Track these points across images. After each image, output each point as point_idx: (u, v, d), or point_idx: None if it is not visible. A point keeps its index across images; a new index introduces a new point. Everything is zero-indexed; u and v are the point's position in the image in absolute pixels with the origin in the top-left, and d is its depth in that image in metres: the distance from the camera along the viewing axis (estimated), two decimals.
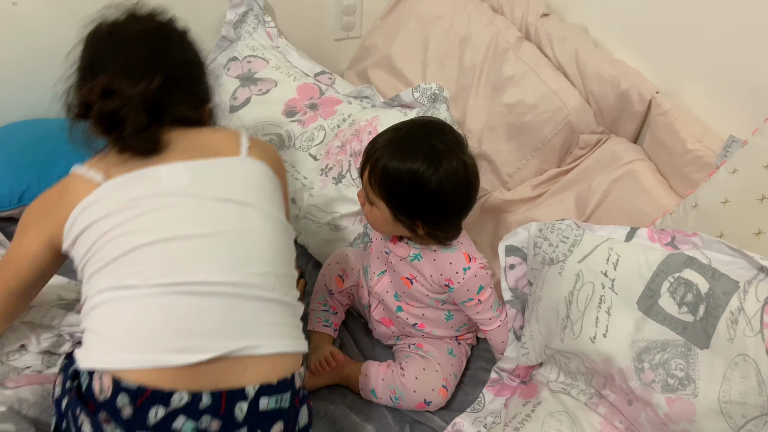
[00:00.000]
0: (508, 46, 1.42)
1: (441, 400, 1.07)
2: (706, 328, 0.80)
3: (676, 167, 1.16)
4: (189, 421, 0.69)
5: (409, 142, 0.96)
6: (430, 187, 0.95)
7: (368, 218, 1.04)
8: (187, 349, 0.71)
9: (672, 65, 1.23)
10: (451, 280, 1.04)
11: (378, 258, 1.13)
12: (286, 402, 0.74)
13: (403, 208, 0.98)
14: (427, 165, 0.94)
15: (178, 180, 0.80)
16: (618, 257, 0.90)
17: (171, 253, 0.76)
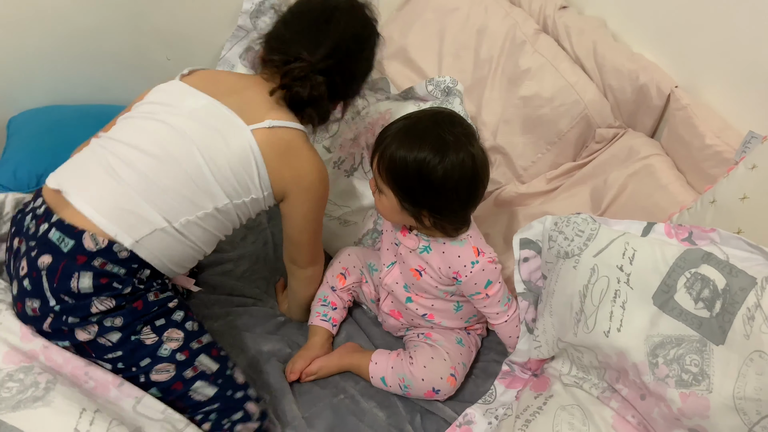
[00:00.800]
0: (525, 38, 1.42)
1: (449, 389, 1.08)
2: (722, 324, 0.80)
3: (694, 162, 1.15)
4: (32, 219, 0.94)
5: (418, 131, 0.97)
6: (435, 177, 0.95)
7: (377, 206, 1.05)
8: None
9: (691, 60, 1.22)
10: (459, 273, 1.04)
11: (388, 249, 1.14)
12: (67, 245, 0.88)
13: (408, 197, 0.98)
14: (433, 155, 0.94)
15: (193, 106, 0.97)
16: (634, 252, 0.89)
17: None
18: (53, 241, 0.88)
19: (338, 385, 1.11)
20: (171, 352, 0.91)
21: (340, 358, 1.13)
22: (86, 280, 0.86)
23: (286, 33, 1.04)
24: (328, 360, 1.12)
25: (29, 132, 1.40)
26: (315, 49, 1.00)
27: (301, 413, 1.05)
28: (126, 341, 0.89)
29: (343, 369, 1.13)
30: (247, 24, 1.55)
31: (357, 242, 1.31)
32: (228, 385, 0.94)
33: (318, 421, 1.04)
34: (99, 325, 0.87)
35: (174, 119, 0.96)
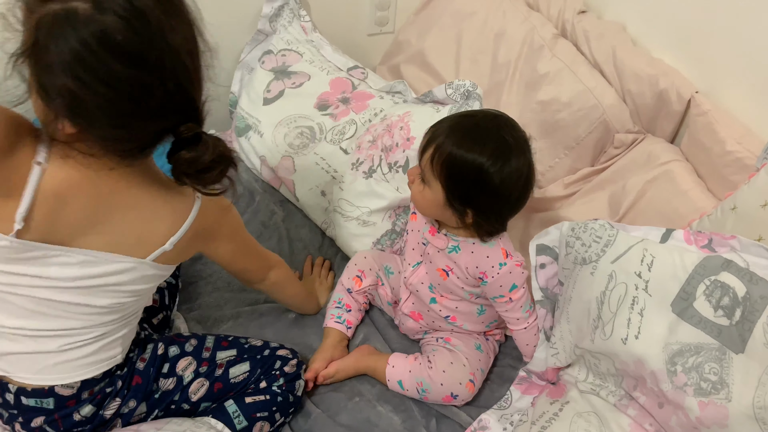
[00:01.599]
0: (543, 42, 1.42)
1: (468, 395, 1.08)
2: (742, 332, 0.79)
3: (715, 169, 1.14)
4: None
5: (480, 131, 0.97)
6: (492, 182, 0.95)
7: (416, 197, 1.04)
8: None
9: (712, 65, 1.22)
10: (485, 274, 1.04)
11: (414, 249, 1.14)
12: (49, 404, 0.87)
13: (459, 195, 0.98)
14: (494, 159, 0.94)
15: (65, 272, 0.79)
16: (653, 258, 0.89)
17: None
18: (33, 405, 0.87)
19: (354, 388, 1.11)
20: (193, 374, 0.97)
21: (356, 361, 1.14)
22: (86, 409, 0.89)
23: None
24: (344, 363, 1.13)
25: None
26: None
27: (322, 411, 1.06)
28: (155, 403, 0.94)
29: (359, 372, 1.14)
30: (267, 28, 1.57)
31: (375, 243, 1.32)
32: (253, 352, 1.03)
33: (333, 423, 1.04)
34: (120, 416, 0.92)
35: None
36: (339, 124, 1.42)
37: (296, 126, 1.46)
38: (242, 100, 1.55)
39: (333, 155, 1.39)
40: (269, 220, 1.41)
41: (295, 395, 1.03)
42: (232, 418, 0.96)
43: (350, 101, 1.46)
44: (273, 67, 1.54)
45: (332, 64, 1.53)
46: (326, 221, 1.39)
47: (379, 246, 1.32)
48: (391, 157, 1.30)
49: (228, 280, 1.27)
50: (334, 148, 1.40)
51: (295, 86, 1.50)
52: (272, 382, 1.01)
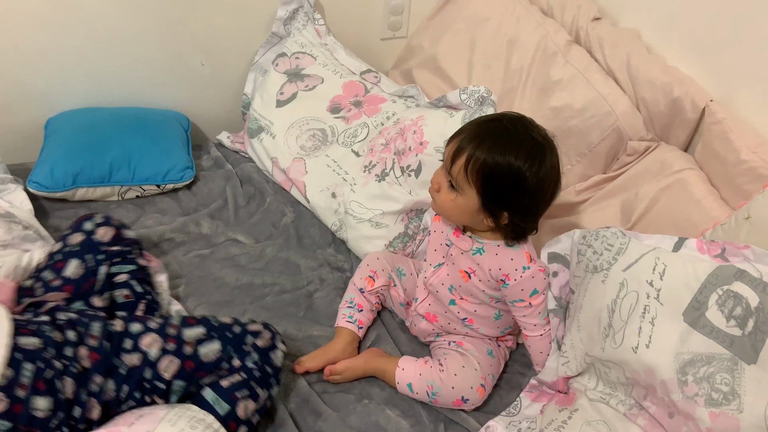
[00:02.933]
0: (557, 49, 1.42)
1: (478, 399, 1.08)
2: (755, 343, 0.79)
3: (729, 177, 1.14)
4: None
5: (511, 134, 0.98)
6: (530, 183, 0.97)
7: (446, 204, 1.04)
8: None
9: (728, 73, 1.21)
10: (508, 276, 1.05)
11: (436, 250, 1.15)
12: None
13: (496, 199, 0.99)
14: (531, 161, 0.96)
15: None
16: (665, 267, 0.89)
17: None
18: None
19: (364, 391, 1.11)
20: (160, 351, 0.95)
21: (366, 362, 1.14)
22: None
23: None
24: (353, 362, 1.13)
25: (66, 132, 1.44)
26: None
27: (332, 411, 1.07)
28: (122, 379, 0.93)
29: (368, 373, 1.14)
30: (281, 31, 1.58)
31: (387, 245, 1.32)
32: (223, 330, 1.00)
33: (343, 425, 1.04)
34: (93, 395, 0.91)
35: None
36: (351, 127, 1.43)
37: (308, 128, 1.47)
38: (255, 102, 1.56)
39: (345, 158, 1.40)
40: (279, 221, 1.42)
41: (273, 366, 1.01)
42: (213, 406, 0.95)
43: (363, 104, 1.46)
44: (286, 69, 1.55)
45: (345, 68, 1.54)
46: (336, 223, 1.40)
47: (391, 248, 1.32)
48: (404, 160, 1.30)
49: (236, 275, 1.28)
50: (346, 151, 1.40)
51: (308, 89, 1.51)
52: (245, 358, 0.99)
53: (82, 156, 1.39)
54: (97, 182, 1.39)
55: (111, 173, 1.40)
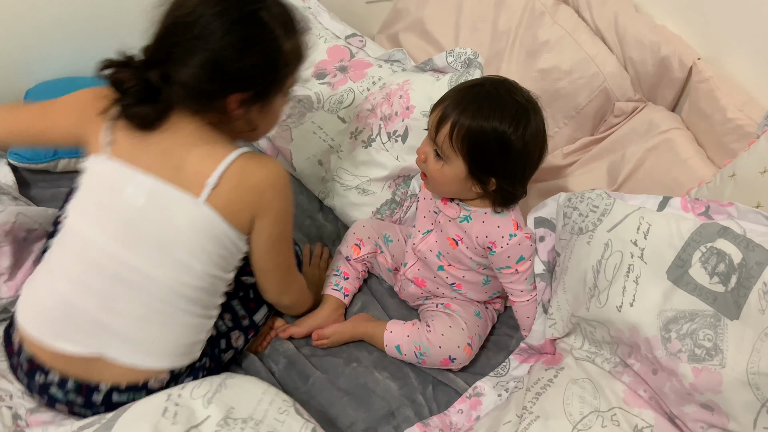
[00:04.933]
0: (544, 9, 1.39)
1: (465, 358, 1.08)
2: (737, 298, 0.79)
3: (715, 136, 1.13)
4: (60, 391, 0.90)
5: (494, 98, 0.96)
6: (517, 147, 0.96)
7: (433, 174, 1.03)
8: (68, 340, 0.88)
9: (715, 31, 1.20)
10: (494, 244, 1.04)
11: (425, 217, 1.14)
12: (141, 395, 0.90)
13: (482, 165, 0.98)
14: (516, 125, 0.95)
15: (135, 199, 0.87)
16: (649, 226, 0.88)
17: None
18: (122, 401, 0.89)
19: (352, 354, 1.12)
20: (243, 342, 1.07)
21: (354, 327, 1.14)
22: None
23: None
24: (342, 327, 1.13)
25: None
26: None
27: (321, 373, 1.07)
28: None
29: (356, 338, 1.14)
30: None
31: (375, 212, 1.31)
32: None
33: (332, 387, 1.05)
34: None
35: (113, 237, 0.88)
36: (337, 92, 1.40)
37: (293, 95, 1.44)
38: None
39: (330, 124, 1.38)
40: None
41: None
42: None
43: (348, 70, 1.43)
44: None
45: (330, 32, 1.51)
46: (323, 191, 1.38)
47: (378, 215, 1.31)
48: (390, 126, 1.28)
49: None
50: (332, 117, 1.38)
51: None
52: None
53: None
54: (78, 153, 1.36)
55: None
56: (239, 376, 0.93)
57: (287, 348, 1.10)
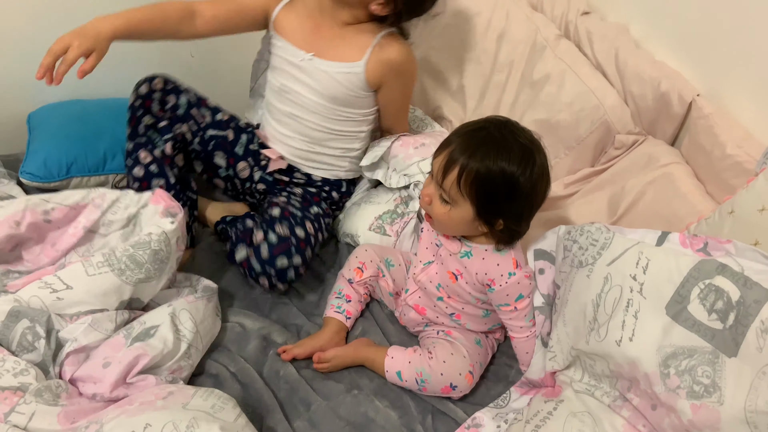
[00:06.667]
0: (546, 43, 1.42)
1: (466, 386, 1.08)
2: (735, 336, 0.79)
3: (714, 172, 1.14)
4: None
5: (499, 142, 0.97)
6: (525, 188, 0.97)
7: (439, 217, 1.04)
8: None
9: (715, 68, 1.21)
10: (493, 281, 1.05)
11: (427, 248, 1.15)
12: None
13: (491, 208, 0.99)
14: (523, 166, 0.96)
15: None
16: (648, 261, 0.89)
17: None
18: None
19: (353, 381, 1.12)
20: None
21: (355, 351, 1.14)
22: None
23: None
24: (343, 351, 1.14)
25: (55, 123, 1.43)
26: None
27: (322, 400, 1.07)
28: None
29: (357, 362, 1.14)
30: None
31: (377, 217, 1.33)
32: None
33: (333, 416, 1.05)
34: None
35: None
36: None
37: None
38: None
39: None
40: None
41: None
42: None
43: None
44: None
45: None
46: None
47: (379, 221, 1.32)
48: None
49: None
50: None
51: None
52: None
53: (75, 146, 1.39)
54: (91, 171, 1.39)
55: (105, 162, 1.40)
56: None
57: (289, 372, 1.11)
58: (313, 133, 1.33)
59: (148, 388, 0.94)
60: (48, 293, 0.98)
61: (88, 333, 0.98)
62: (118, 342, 0.99)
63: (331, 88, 1.27)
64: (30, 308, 0.97)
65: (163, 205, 1.10)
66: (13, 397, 0.86)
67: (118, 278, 1.01)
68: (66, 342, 0.98)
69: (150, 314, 1.05)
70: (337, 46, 1.26)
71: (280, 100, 1.32)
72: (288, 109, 1.31)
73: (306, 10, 1.28)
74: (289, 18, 1.29)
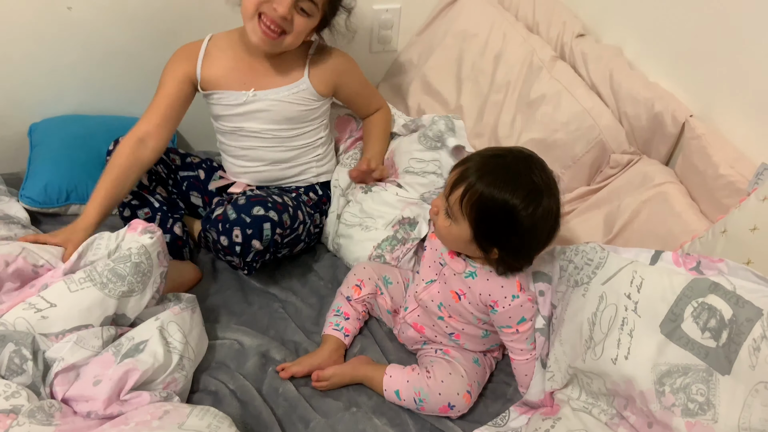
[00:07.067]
0: (542, 64, 1.44)
1: (464, 405, 1.09)
2: (728, 354, 0.81)
3: (708, 191, 1.16)
4: None
5: (511, 172, 0.97)
6: (523, 225, 0.96)
7: (441, 230, 1.06)
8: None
9: (708, 89, 1.23)
10: (497, 303, 1.06)
11: (430, 267, 1.16)
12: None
13: (487, 234, 0.99)
14: (526, 203, 0.95)
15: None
16: (642, 280, 0.91)
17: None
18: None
19: (352, 399, 1.12)
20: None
21: (353, 369, 1.15)
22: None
23: None
24: (341, 369, 1.14)
25: (56, 145, 1.44)
26: None
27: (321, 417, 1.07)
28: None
29: (355, 380, 1.15)
30: None
31: (375, 246, 1.34)
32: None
33: None
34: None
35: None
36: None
37: None
38: None
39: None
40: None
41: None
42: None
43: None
44: None
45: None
46: (324, 235, 1.43)
47: (379, 250, 1.34)
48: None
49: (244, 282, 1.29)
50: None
51: None
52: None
53: (76, 173, 1.40)
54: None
55: None
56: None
57: (288, 390, 1.11)
58: (275, 155, 1.36)
59: (143, 406, 0.94)
60: (32, 313, 0.98)
61: (75, 351, 0.98)
62: (107, 359, 0.99)
63: (284, 111, 1.31)
64: (15, 331, 0.96)
65: (140, 228, 1.11)
66: (6, 419, 0.86)
67: (100, 292, 1.01)
68: (53, 362, 0.98)
69: (138, 329, 1.04)
70: (273, 74, 1.30)
71: (234, 139, 1.35)
72: (245, 144, 1.34)
73: (231, 53, 1.30)
74: (214, 70, 1.30)
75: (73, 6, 1.42)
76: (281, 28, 1.20)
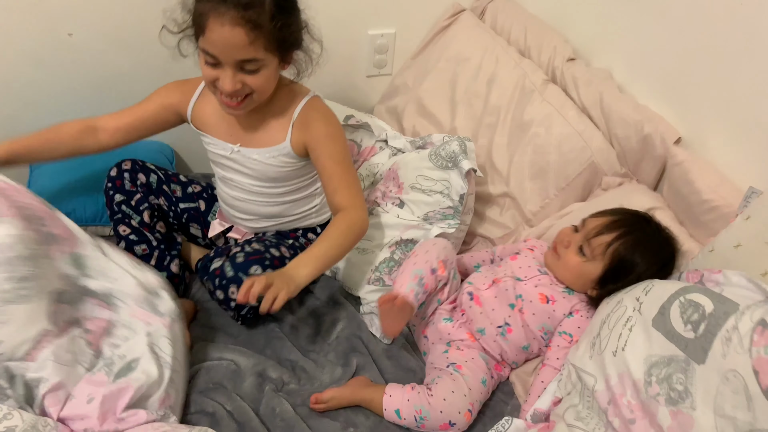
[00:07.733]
0: (534, 87, 1.50)
1: (465, 423, 1.14)
2: (704, 344, 0.91)
3: (694, 216, 1.22)
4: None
5: (658, 242, 1.17)
6: (639, 278, 1.13)
7: (568, 263, 1.21)
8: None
9: (696, 113, 1.30)
10: (577, 311, 1.21)
11: (530, 266, 1.26)
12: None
13: (613, 282, 1.16)
14: (657, 269, 1.15)
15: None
16: (652, 287, 1.05)
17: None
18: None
19: (349, 419, 1.17)
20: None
21: (352, 392, 1.19)
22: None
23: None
24: (340, 392, 1.18)
25: (56, 167, 1.49)
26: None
27: None
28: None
29: (354, 402, 1.19)
30: None
31: (373, 270, 1.40)
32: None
33: None
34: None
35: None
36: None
37: None
38: None
39: None
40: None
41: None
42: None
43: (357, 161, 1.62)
44: None
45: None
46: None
47: (377, 273, 1.37)
48: (387, 199, 1.44)
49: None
50: None
51: None
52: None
53: (74, 195, 1.46)
54: (89, 222, 1.45)
55: (102, 213, 1.47)
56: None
57: (285, 410, 1.15)
58: (267, 209, 1.41)
59: (140, 425, 0.96)
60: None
61: (58, 369, 0.99)
62: (100, 379, 1.03)
63: (268, 171, 1.33)
64: None
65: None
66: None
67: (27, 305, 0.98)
68: (35, 383, 0.98)
69: (128, 346, 1.08)
70: (259, 132, 1.31)
71: (228, 186, 1.40)
72: (236, 194, 1.39)
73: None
74: (206, 112, 1.33)
75: (74, 32, 1.48)
76: (241, 95, 1.18)
